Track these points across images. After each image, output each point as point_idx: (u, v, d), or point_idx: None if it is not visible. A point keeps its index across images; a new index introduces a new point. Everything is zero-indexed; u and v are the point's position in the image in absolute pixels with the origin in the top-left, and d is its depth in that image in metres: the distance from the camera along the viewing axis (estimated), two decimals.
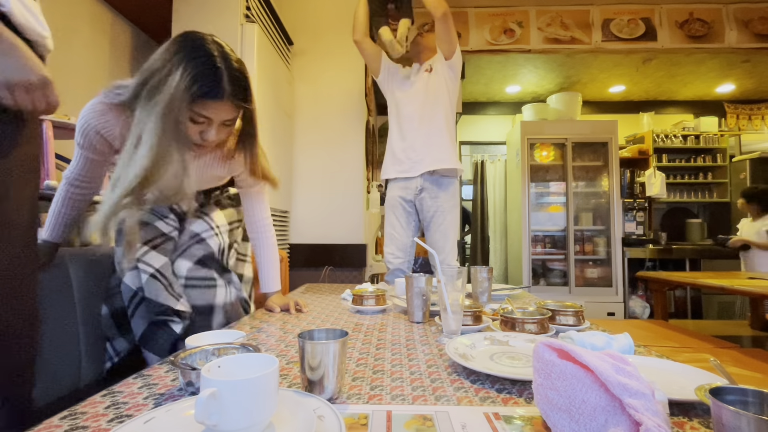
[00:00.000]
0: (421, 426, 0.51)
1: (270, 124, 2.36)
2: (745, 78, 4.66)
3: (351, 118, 2.94)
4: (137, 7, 2.33)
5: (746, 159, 4.68)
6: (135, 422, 0.47)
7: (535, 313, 0.94)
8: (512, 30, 3.70)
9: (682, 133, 5.12)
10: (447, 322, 0.88)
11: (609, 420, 0.43)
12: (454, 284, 0.86)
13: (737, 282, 2.03)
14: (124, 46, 2.42)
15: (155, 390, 0.61)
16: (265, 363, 0.49)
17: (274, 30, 2.54)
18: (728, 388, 0.42)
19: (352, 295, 1.29)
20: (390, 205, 2.14)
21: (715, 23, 3.66)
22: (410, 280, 1.08)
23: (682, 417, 0.53)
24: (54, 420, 0.51)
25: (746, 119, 5.25)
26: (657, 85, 4.86)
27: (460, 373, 0.69)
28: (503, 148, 5.27)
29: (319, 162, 2.92)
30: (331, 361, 0.57)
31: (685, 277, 2.49)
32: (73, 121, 1.51)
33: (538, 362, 0.51)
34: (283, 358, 0.78)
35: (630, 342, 0.77)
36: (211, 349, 0.65)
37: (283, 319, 1.14)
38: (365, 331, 0.99)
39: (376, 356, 0.78)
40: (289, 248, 2.81)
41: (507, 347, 0.80)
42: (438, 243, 2.02)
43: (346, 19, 2.98)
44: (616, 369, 0.45)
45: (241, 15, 2.15)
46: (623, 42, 3.67)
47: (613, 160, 4.15)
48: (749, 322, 2.60)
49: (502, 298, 1.38)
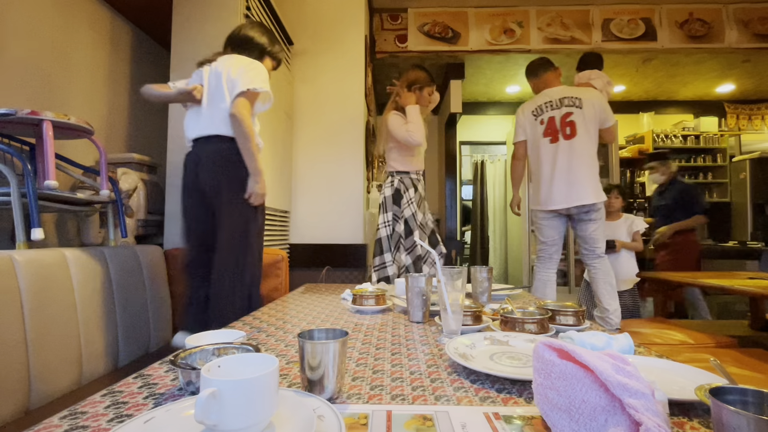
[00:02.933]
0: (421, 426, 0.51)
1: (270, 125, 2.36)
2: (745, 78, 4.65)
3: (351, 118, 2.94)
4: (137, 7, 2.33)
5: (746, 159, 4.68)
6: (135, 422, 0.46)
7: (535, 313, 0.94)
8: (512, 30, 3.70)
9: (682, 133, 5.12)
10: (447, 322, 0.88)
11: (609, 420, 0.43)
12: (454, 284, 0.86)
13: (737, 282, 2.03)
14: (124, 46, 2.42)
15: (155, 390, 0.61)
16: (265, 363, 0.49)
17: (274, 30, 2.54)
18: (728, 388, 0.42)
19: (352, 295, 1.29)
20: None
21: (715, 23, 3.67)
22: (410, 280, 1.08)
23: (682, 417, 0.53)
24: (54, 420, 0.51)
25: (746, 119, 5.25)
26: (657, 85, 4.86)
27: (460, 373, 0.69)
28: (503, 148, 5.27)
29: (319, 162, 2.92)
30: (331, 361, 0.57)
31: (685, 277, 2.49)
32: (73, 120, 1.51)
33: (538, 362, 0.51)
34: (283, 358, 0.78)
35: (630, 342, 0.77)
36: (211, 348, 0.65)
37: (283, 318, 1.14)
38: (365, 331, 0.99)
39: (376, 356, 0.78)
40: (289, 248, 2.81)
41: (507, 347, 0.80)
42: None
43: (347, 19, 2.99)
44: (616, 369, 0.45)
45: (241, 15, 2.15)
46: (623, 42, 3.67)
47: (613, 160, 4.15)
48: (749, 322, 2.60)
49: (502, 298, 1.38)
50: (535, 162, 2.46)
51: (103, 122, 2.23)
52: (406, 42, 3.76)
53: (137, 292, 1.61)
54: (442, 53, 3.79)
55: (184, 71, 2.15)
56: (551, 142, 2.37)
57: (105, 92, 2.26)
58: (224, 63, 1.58)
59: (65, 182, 1.89)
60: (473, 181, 5.58)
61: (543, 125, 2.40)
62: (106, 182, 1.68)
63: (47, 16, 1.84)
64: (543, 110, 2.41)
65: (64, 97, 1.94)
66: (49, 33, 1.85)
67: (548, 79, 2.48)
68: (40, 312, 1.00)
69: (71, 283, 1.12)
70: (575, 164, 2.30)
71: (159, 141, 2.48)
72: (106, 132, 2.26)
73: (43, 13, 1.82)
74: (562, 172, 2.32)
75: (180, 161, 2.05)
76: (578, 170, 2.29)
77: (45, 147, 1.41)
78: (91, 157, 2.05)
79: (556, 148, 2.35)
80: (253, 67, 1.55)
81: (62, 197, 1.51)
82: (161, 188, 2.26)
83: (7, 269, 0.95)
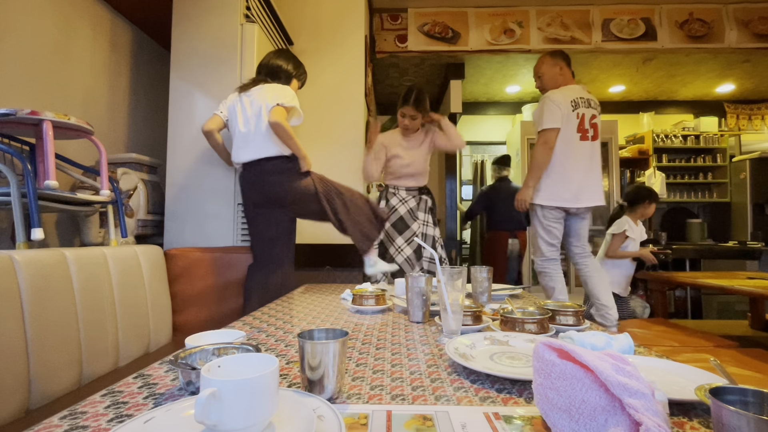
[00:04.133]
0: (421, 426, 0.51)
1: None
2: (745, 78, 4.66)
3: (351, 118, 2.94)
4: (137, 7, 2.33)
5: (746, 159, 4.68)
6: (135, 422, 0.46)
7: (535, 313, 0.94)
8: (512, 30, 3.70)
9: (682, 133, 5.12)
10: (447, 322, 0.88)
11: (609, 420, 0.43)
12: (454, 284, 0.86)
13: (737, 282, 2.03)
14: (124, 46, 2.42)
15: (155, 390, 0.61)
16: (265, 363, 0.49)
17: (274, 30, 2.54)
18: (728, 388, 0.42)
19: (352, 295, 1.29)
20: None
21: (715, 23, 3.67)
22: (410, 280, 1.08)
23: (682, 417, 0.53)
24: (54, 420, 0.51)
25: (746, 119, 5.25)
26: (657, 85, 4.86)
27: (460, 373, 0.69)
28: (503, 148, 5.27)
29: (319, 161, 2.92)
30: (331, 361, 0.57)
31: (685, 277, 2.49)
32: (73, 120, 1.51)
33: (538, 362, 0.51)
34: (283, 358, 0.78)
35: (630, 342, 0.77)
36: (211, 348, 0.65)
37: (283, 319, 1.15)
38: (365, 331, 0.99)
39: (376, 356, 0.78)
40: None
41: (507, 347, 0.80)
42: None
43: (346, 19, 2.99)
44: (616, 369, 0.45)
45: (241, 15, 2.15)
46: (623, 42, 3.67)
47: (613, 160, 4.15)
48: (749, 322, 2.60)
49: (502, 298, 1.38)
50: (563, 155, 2.32)
51: (103, 122, 2.23)
52: (406, 42, 3.76)
53: (137, 292, 1.61)
54: (442, 53, 3.79)
55: (185, 71, 2.16)
56: (581, 139, 2.33)
57: (105, 92, 2.26)
58: (261, 94, 1.85)
59: (65, 182, 1.89)
60: (473, 181, 5.58)
61: (577, 120, 2.32)
62: (106, 182, 1.68)
63: (47, 16, 1.84)
64: (578, 104, 2.34)
65: (64, 97, 1.94)
66: (50, 33, 1.85)
67: (570, 75, 2.44)
68: (40, 312, 1.00)
69: (71, 283, 1.12)
70: (596, 166, 2.39)
71: (159, 141, 2.48)
72: (106, 132, 2.26)
73: (43, 13, 1.82)
74: (592, 171, 2.37)
75: (180, 161, 2.07)
76: (599, 172, 2.41)
77: (45, 147, 1.41)
78: (91, 157, 2.05)
79: (591, 146, 2.36)
80: (283, 89, 1.88)
81: (62, 197, 1.51)
82: (161, 188, 2.26)
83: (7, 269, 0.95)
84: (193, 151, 2.12)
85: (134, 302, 1.58)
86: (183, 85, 2.15)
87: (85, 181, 1.83)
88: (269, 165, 1.85)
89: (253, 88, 1.89)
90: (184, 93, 2.15)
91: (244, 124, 1.86)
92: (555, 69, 2.42)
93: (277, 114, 1.77)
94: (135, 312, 1.58)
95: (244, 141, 1.87)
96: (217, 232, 2.11)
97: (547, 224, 2.36)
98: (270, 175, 1.86)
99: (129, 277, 1.57)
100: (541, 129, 2.32)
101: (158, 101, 2.67)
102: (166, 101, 2.18)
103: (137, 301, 1.61)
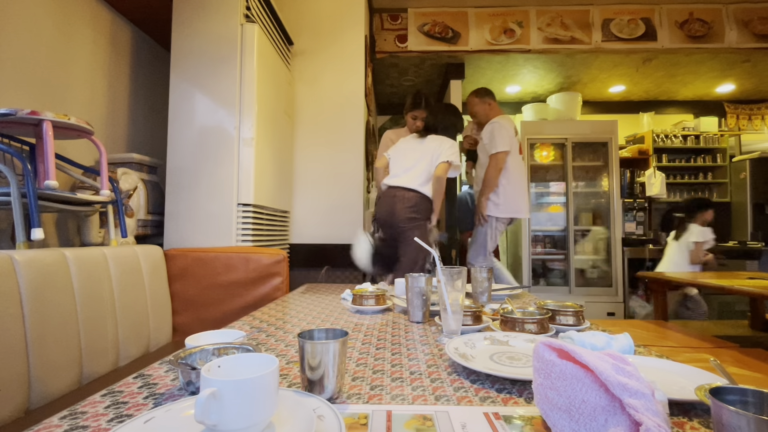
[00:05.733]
0: (421, 426, 0.51)
1: (270, 125, 2.36)
2: (745, 78, 4.65)
3: (351, 118, 2.94)
4: (137, 7, 2.33)
5: (746, 159, 4.68)
6: (135, 422, 0.46)
7: (535, 313, 0.94)
8: (512, 30, 3.70)
9: (682, 133, 5.12)
10: (447, 322, 0.88)
11: (609, 420, 0.43)
12: (454, 284, 0.86)
13: (737, 282, 2.03)
14: (124, 46, 2.42)
15: (155, 390, 0.61)
16: (265, 363, 0.49)
17: (274, 30, 2.54)
18: (728, 388, 0.42)
19: (352, 295, 1.29)
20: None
21: (715, 23, 3.67)
22: (410, 280, 1.08)
23: (682, 417, 0.53)
24: (54, 419, 0.51)
25: (746, 119, 5.25)
26: (657, 85, 4.85)
27: (460, 373, 0.69)
28: None
29: (319, 162, 2.92)
30: (331, 361, 0.57)
31: (685, 277, 2.49)
32: (73, 120, 1.51)
33: (538, 362, 0.51)
34: (283, 358, 0.78)
35: (630, 342, 0.77)
36: (211, 348, 0.65)
37: (283, 318, 1.15)
38: (365, 331, 0.99)
39: (376, 356, 0.78)
40: (289, 248, 2.81)
41: (507, 347, 0.80)
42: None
43: (346, 19, 2.99)
44: (616, 369, 0.45)
45: (241, 15, 2.15)
46: (623, 42, 3.67)
47: (613, 160, 4.15)
48: (749, 322, 2.60)
49: (502, 298, 1.38)
50: (514, 172, 2.68)
51: (103, 122, 2.23)
52: (406, 42, 3.76)
53: (137, 292, 1.61)
54: (442, 53, 3.79)
55: (185, 71, 2.15)
56: (521, 158, 2.79)
57: (105, 92, 2.25)
58: (433, 143, 2.20)
59: (65, 182, 1.89)
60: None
61: (518, 142, 2.76)
62: (106, 182, 1.68)
63: (47, 16, 1.84)
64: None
65: (64, 97, 1.94)
66: (50, 33, 1.85)
67: (497, 106, 2.86)
68: (40, 312, 1.00)
69: (71, 283, 1.12)
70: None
71: (159, 141, 2.48)
72: (106, 132, 2.26)
73: (44, 13, 1.82)
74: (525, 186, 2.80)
75: (180, 161, 2.07)
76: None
77: (45, 147, 1.41)
78: (91, 157, 2.04)
79: (523, 164, 2.80)
80: (453, 145, 2.20)
81: (62, 197, 1.51)
82: (161, 188, 2.26)
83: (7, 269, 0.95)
84: (193, 151, 2.12)
85: (134, 302, 1.58)
86: (183, 85, 2.15)
87: (85, 181, 1.83)
88: (411, 195, 2.15)
89: (429, 138, 2.22)
90: (184, 93, 2.15)
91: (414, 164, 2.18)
92: (485, 106, 2.81)
93: (440, 170, 2.10)
94: (135, 312, 1.58)
95: (404, 171, 2.20)
96: (217, 232, 2.11)
97: (496, 234, 2.71)
98: (408, 202, 2.15)
99: (129, 277, 1.57)
100: (495, 152, 2.63)
101: (158, 101, 2.67)
102: (166, 101, 2.18)
103: (137, 301, 1.61)
